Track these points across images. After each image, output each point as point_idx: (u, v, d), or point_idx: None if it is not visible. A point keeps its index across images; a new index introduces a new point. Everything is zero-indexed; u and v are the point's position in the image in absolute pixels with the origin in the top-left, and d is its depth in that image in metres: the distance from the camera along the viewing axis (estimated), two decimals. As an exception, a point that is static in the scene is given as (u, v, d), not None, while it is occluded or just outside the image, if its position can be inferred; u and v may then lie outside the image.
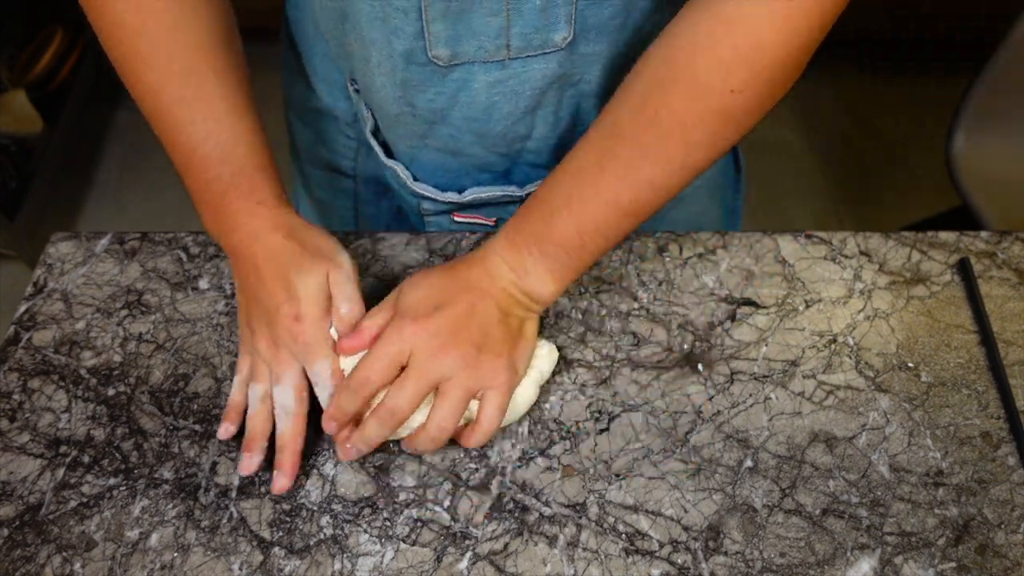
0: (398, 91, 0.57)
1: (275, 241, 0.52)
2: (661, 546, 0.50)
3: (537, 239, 0.51)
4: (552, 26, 0.52)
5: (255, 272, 0.52)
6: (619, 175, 0.49)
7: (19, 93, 1.68)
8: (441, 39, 0.52)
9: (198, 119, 0.53)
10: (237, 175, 0.53)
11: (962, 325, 0.60)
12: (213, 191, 0.53)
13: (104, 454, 0.53)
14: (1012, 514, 0.51)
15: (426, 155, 0.64)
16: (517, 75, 0.55)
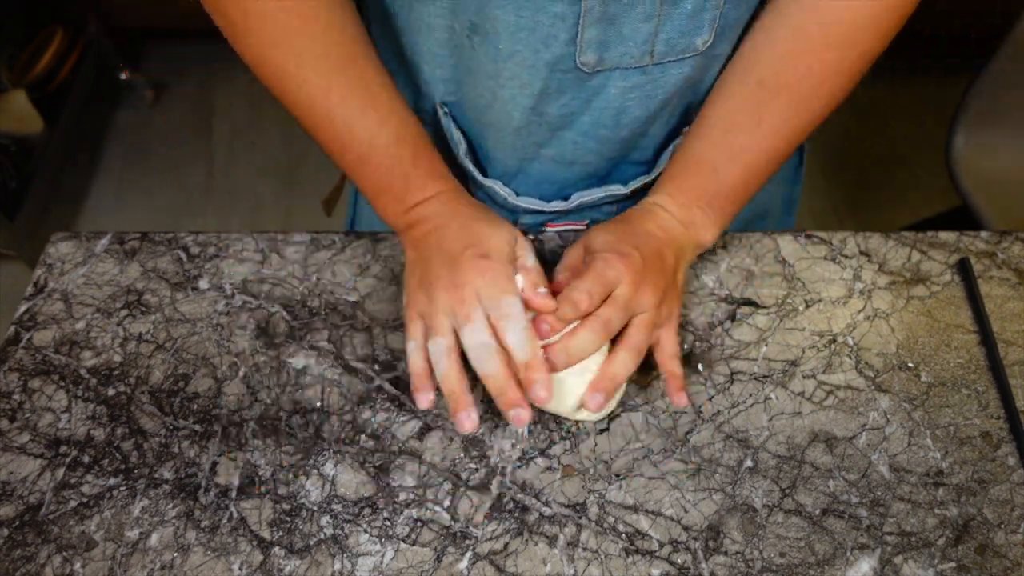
0: (531, 101, 0.57)
1: (462, 203, 0.55)
2: (661, 546, 0.50)
3: (702, 194, 0.56)
4: (697, 30, 0.53)
5: (440, 229, 0.53)
6: (776, 126, 0.55)
7: (19, 93, 1.68)
8: (592, 45, 0.52)
9: (369, 110, 0.53)
10: (417, 155, 0.55)
11: (962, 325, 0.60)
12: (396, 174, 0.54)
13: (104, 454, 0.53)
14: (1012, 514, 0.51)
15: (536, 167, 0.64)
16: (654, 80, 0.56)
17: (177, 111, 2.00)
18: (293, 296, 0.61)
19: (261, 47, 0.51)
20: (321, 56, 0.51)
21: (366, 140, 0.53)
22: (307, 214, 1.81)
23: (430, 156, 0.56)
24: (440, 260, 0.52)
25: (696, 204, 0.56)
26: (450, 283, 0.50)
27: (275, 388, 0.56)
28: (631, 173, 0.66)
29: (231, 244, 0.64)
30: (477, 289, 0.50)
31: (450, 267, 0.51)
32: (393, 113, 0.54)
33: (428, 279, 0.52)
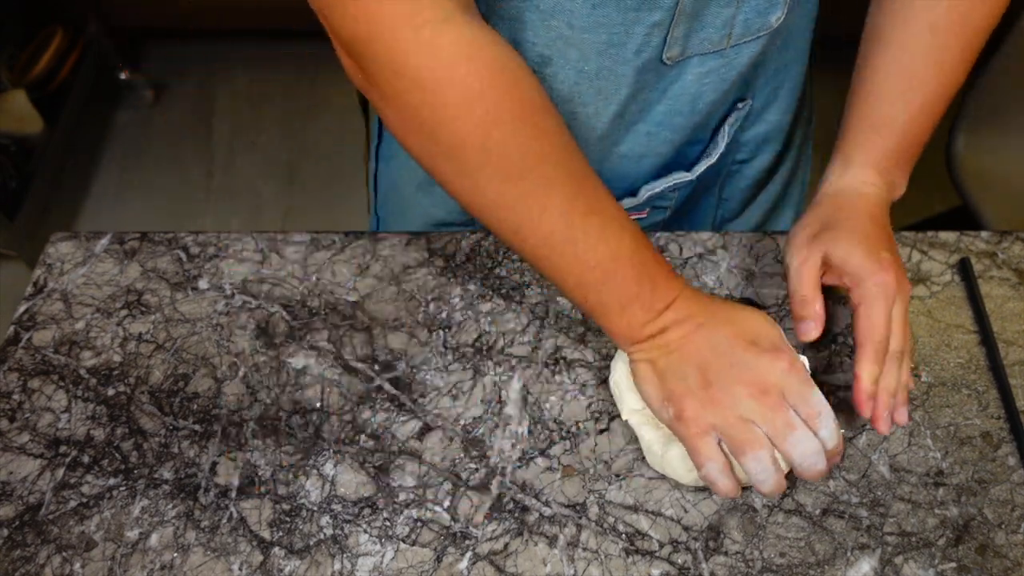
0: (616, 107, 0.56)
1: (704, 296, 0.51)
2: (661, 546, 0.50)
3: (898, 155, 0.56)
4: (772, 8, 0.53)
5: (704, 328, 0.48)
6: (955, 68, 0.55)
7: (19, 93, 1.68)
8: (679, 40, 0.52)
9: (608, 221, 0.48)
10: (655, 257, 0.50)
11: (962, 325, 0.60)
12: (644, 281, 0.49)
13: (104, 454, 0.53)
14: (1012, 514, 0.51)
15: (605, 168, 0.62)
16: (730, 62, 0.56)
17: (177, 111, 2.00)
18: (293, 296, 0.61)
19: (503, 182, 0.46)
20: (561, 176, 0.47)
21: (610, 254, 0.48)
22: (307, 214, 1.81)
23: (660, 257, 0.51)
24: (724, 363, 0.47)
25: (896, 166, 0.56)
26: (751, 386, 0.46)
27: (275, 388, 0.56)
28: (691, 155, 0.65)
29: (231, 244, 0.64)
30: (782, 388, 0.46)
31: (742, 368, 0.47)
32: (625, 220, 0.49)
33: (714, 386, 0.47)
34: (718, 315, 0.49)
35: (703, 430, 0.47)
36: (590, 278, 0.49)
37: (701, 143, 0.65)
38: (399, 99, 0.45)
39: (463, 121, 0.44)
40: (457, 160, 0.46)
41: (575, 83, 0.54)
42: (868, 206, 0.55)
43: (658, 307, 0.49)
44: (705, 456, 0.46)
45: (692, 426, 0.47)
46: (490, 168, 0.46)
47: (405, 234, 0.64)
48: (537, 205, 0.47)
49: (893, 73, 0.55)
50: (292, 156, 1.91)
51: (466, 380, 0.57)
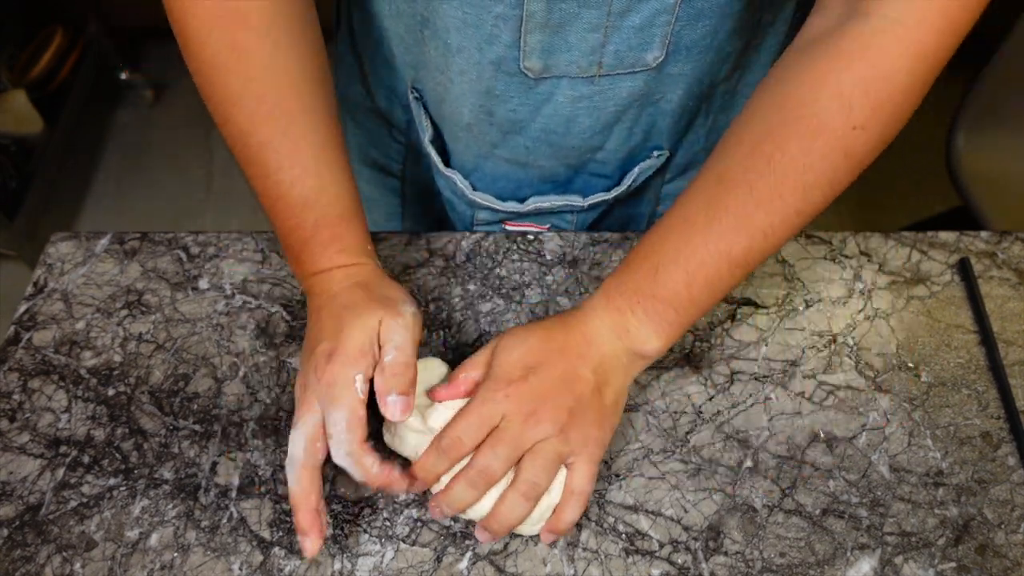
0: (479, 100, 0.57)
1: (342, 286, 0.50)
2: (661, 546, 0.50)
3: (641, 297, 0.48)
4: (646, 45, 0.52)
5: (315, 313, 0.50)
6: (731, 225, 0.46)
7: (19, 93, 1.68)
8: (536, 51, 0.52)
9: (285, 165, 0.50)
10: (320, 223, 0.51)
11: (962, 325, 0.60)
12: (296, 237, 0.51)
13: (104, 454, 0.53)
14: (1012, 514, 0.51)
15: (491, 165, 0.64)
16: (603, 92, 0.55)
17: (177, 111, 2.00)
18: (293, 296, 0.61)
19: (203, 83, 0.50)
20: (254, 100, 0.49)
21: (274, 194, 0.50)
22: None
23: (336, 227, 0.51)
24: (304, 353, 0.50)
25: (631, 310, 0.49)
26: (302, 382, 0.48)
27: (275, 388, 0.56)
28: (592, 185, 0.66)
29: (231, 244, 0.64)
30: (317, 396, 0.47)
31: (304, 362, 0.49)
32: (311, 176, 0.50)
33: (303, 364, 0.50)
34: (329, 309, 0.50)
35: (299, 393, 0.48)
36: (263, 203, 0.52)
37: (606, 178, 0.65)
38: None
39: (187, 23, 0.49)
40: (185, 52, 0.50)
41: (443, 54, 0.55)
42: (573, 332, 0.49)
43: (306, 270, 0.52)
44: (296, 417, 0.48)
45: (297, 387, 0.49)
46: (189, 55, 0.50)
47: (405, 234, 0.64)
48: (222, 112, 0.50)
49: (676, 214, 0.49)
50: (292, 156, 1.91)
51: (466, 380, 0.56)
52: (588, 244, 0.64)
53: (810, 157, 0.45)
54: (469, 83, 0.56)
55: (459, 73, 0.55)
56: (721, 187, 0.47)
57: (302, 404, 0.47)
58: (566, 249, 0.63)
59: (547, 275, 0.62)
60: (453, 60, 0.55)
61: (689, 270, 0.47)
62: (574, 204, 0.66)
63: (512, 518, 0.46)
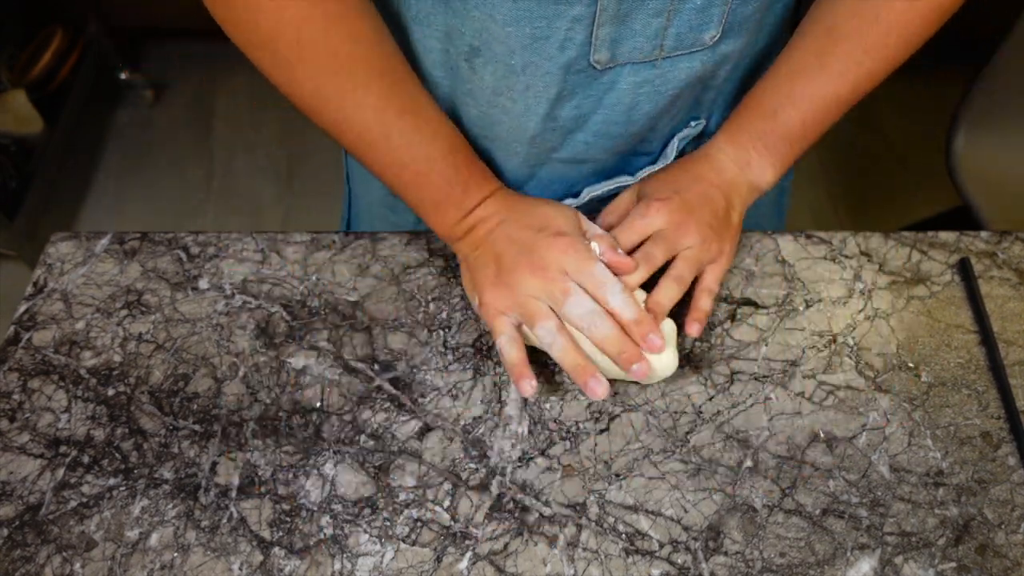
0: (546, 107, 0.57)
1: (515, 196, 0.57)
2: (661, 546, 0.50)
3: (761, 134, 0.58)
4: (705, 25, 0.53)
5: (505, 223, 0.55)
6: (841, 71, 0.56)
7: (19, 93, 1.68)
8: (605, 43, 0.53)
9: (423, 124, 0.54)
10: (469, 160, 0.56)
11: (962, 325, 0.60)
12: (455, 182, 0.55)
13: (104, 454, 0.53)
14: (1012, 514, 0.51)
15: (546, 171, 0.64)
16: (664, 74, 0.56)
17: (177, 111, 2.00)
18: (293, 296, 0.61)
19: (317, 76, 0.50)
20: (375, 77, 0.51)
21: (424, 155, 0.54)
22: (307, 214, 1.81)
23: (476, 159, 0.57)
24: (514, 251, 0.53)
25: (752, 146, 0.58)
26: (534, 267, 0.52)
27: (275, 388, 0.56)
28: (638, 164, 0.66)
29: (231, 244, 0.64)
30: (563, 265, 0.52)
31: (528, 253, 0.52)
32: (442, 124, 0.55)
33: (505, 272, 0.53)
34: (519, 209, 0.55)
35: (497, 312, 0.53)
36: (405, 176, 0.55)
37: (649, 155, 0.66)
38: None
39: (275, 16, 0.47)
40: (273, 52, 0.50)
41: (504, 76, 0.55)
42: (703, 165, 0.59)
43: (468, 206, 0.55)
44: (497, 331, 0.53)
45: (489, 310, 0.54)
46: (304, 64, 0.50)
47: (405, 234, 0.64)
48: (351, 102, 0.51)
49: (784, 63, 0.58)
50: (292, 156, 1.91)
51: (466, 380, 0.57)
52: (588, 244, 0.64)
53: (912, 13, 0.54)
54: (534, 96, 0.56)
55: (523, 90, 0.55)
56: (830, 38, 0.56)
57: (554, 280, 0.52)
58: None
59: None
60: (517, 79, 0.55)
61: (804, 111, 0.57)
62: (623, 184, 0.66)
63: (667, 299, 0.54)
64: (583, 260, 0.52)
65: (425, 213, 0.56)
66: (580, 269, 0.52)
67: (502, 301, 0.53)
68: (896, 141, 1.97)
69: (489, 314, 0.54)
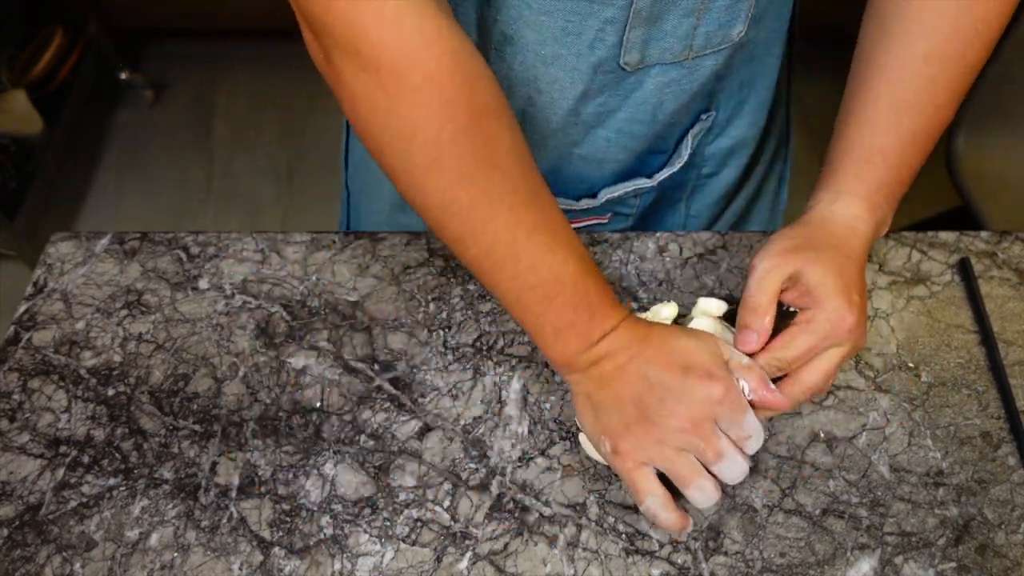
0: (571, 103, 0.56)
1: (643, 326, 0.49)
2: (661, 546, 0.50)
3: (886, 188, 0.52)
4: (733, 21, 0.53)
5: (637, 358, 0.48)
6: (950, 100, 0.52)
7: (19, 93, 1.68)
8: (636, 45, 0.52)
9: (555, 246, 0.47)
10: (598, 286, 0.49)
11: (962, 325, 0.60)
12: (581, 309, 0.48)
13: (104, 454, 0.53)
14: (1012, 514, 0.51)
15: (566, 168, 0.63)
16: (691, 73, 0.56)
17: (177, 111, 2.00)
18: (293, 296, 0.61)
19: (452, 183, 0.45)
20: (511, 191, 0.46)
21: (552, 278, 0.47)
22: (307, 214, 1.81)
23: (606, 285, 0.50)
24: (658, 394, 0.47)
25: (887, 202, 0.53)
26: (684, 419, 0.46)
27: (275, 388, 0.56)
28: (654, 164, 0.66)
29: (231, 244, 0.64)
30: (716, 417, 0.46)
31: (675, 400, 0.46)
32: (572, 246, 0.48)
33: (648, 420, 0.47)
34: (652, 343, 0.48)
35: (638, 465, 0.47)
36: (529, 298, 0.48)
37: (664, 153, 0.65)
38: (356, 79, 0.43)
39: (420, 108, 0.43)
40: (406, 153, 0.44)
41: (533, 66, 0.54)
42: (855, 243, 0.51)
43: (594, 337, 0.48)
44: (645, 491, 0.47)
45: (628, 461, 0.47)
46: (439, 167, 0.44)
47: (405, 234, 0.64)
48: (482, 215, 0.46)
49: (885, 102, 0.52)
50: (292, 156, 1.91)
51: (466, 380, 0.57)
52: (588, 244, 0.64)
53: (1000, 20, 0.51)
54: (560, 90, 0.55)
55: (550, 83, 0.55)
56: (932, 66, 0.51)
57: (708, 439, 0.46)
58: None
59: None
60: (546, 71, 0.54)
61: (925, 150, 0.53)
62: (641, 187, 0.65)
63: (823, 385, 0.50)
64: (736, 410, 0.47)
65: (543, 338, 0.49)
66: (731, 420, 0.47)
67: (644, 452, 0.47)
68: (896, 141, 1.97)
69: (627, 466, 0.48)
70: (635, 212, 0.69)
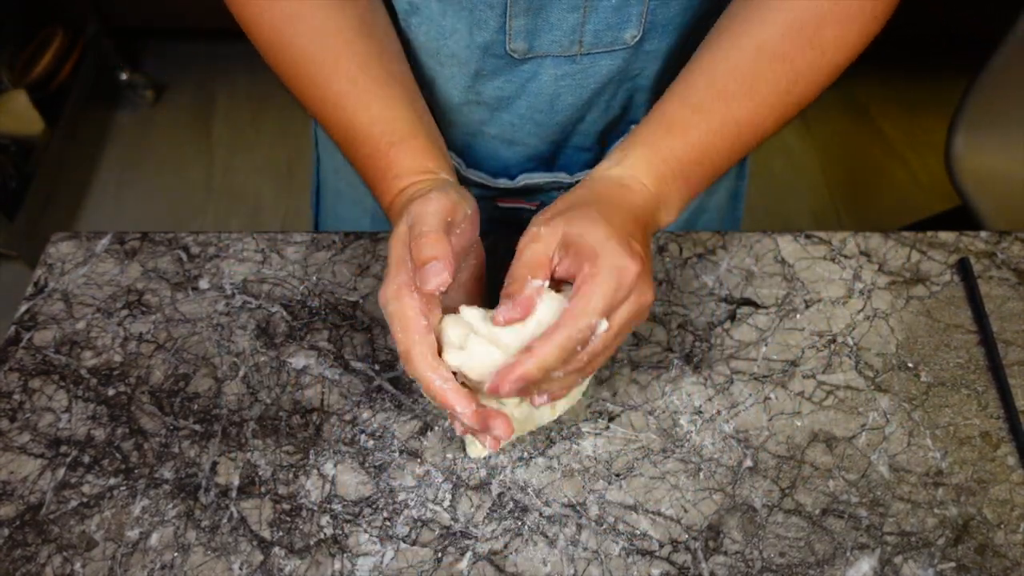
0: (468, 80, 0.59)
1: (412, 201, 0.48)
2: (661, 546, 0.50)
3: (677, 164, 0.49)
4: (623, 24, 0.54)
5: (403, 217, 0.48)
6: (768, 98, 0.49)
7: (19, 93, 1.68)
8: (521, 33, 0.54)
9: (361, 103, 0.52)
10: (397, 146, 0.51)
11: (962, 325, 0.60)
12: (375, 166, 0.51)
13: (104, 454, 0.53)
14: (1012, 514, 0.51)
15: (480, 144, 0.65)
16: (585, 70, 0.57)
17: (177, 111, 2.00)
18: (293, 296, 0.61)
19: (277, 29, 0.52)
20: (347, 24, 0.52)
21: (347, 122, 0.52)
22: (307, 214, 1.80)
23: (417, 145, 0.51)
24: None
25: (672, 177, 0.49)
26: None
27: (275, 388, 0.56)
28: (576, 160, 0.68)
29: (231, 244, 0.64)
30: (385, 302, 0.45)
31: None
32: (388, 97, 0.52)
33: None
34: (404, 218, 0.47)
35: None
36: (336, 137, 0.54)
37: (587, 151, 0.67)
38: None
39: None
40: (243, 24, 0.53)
41: (435, 38, 0.56)
42: (631, 197, 0.47)
43: (387, 198, 0.51)
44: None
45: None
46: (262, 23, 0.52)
47: (405, 234, 0.65)
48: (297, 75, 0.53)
49: (705, 80, 0.50)
50: (292, 156, 1.91)
51: (466, 380, 0.57)
52: (588, 244, 0.64)
53: (844, 40, 0.49)
54: (459, 65, 0.58)
55: (450, 56, 0.57)
56: (761, 58, 0.49)
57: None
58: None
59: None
60: (445, 43, 0.56)
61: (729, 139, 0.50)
62: (562, 181, 0.67)
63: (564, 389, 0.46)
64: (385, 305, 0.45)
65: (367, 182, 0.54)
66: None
67: None
68: (896, 141, 1.97)
69: None
70: None
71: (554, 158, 0.67)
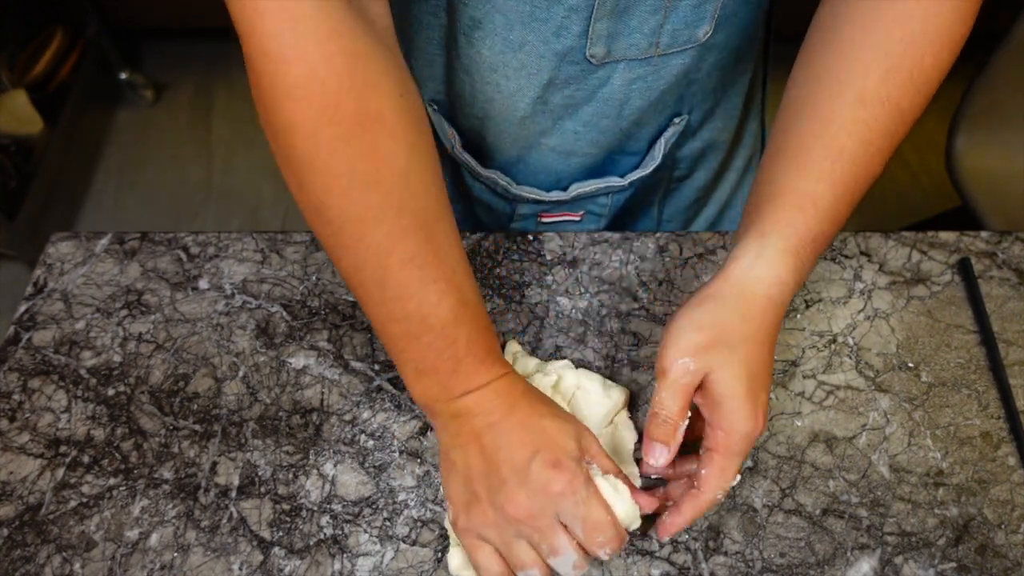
0: (537, 91, 0.57)
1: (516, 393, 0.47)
2: (661, 546, 0.50)
3: (818, 245, 0.47)
4: (699, 21, 0.53)
5: (495, 427, 0.45)
6: (883, 148, 0.47)
7: (19, 93, 1.68)
8: (602, 37, 0.53)
9: (429, 280, 0.44)
10: (472, 337, 0.46)
11: (962, 325, 0.60)
12: (446, 357, 0.45)
13: (104, 454, 0.53)
14: (1012, 514, 0.51)
15: (535, 156, 0.64)
16: (657, 71, 0.56)
17: (177, 111, 2.00)
18: (293, 296, 0.61)
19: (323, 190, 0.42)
20: (392, 214, 0.43)
21: (419, 316, 0.44)
22: (307, 214, 1.81)
23: (486, 338, 0.47)
24: (505, 470, 0.44)
25: (813, 255, 0.47)
26: (523, 507, 0.44)
27: (275, 388, 0.56)
28: (626, 164, 0.67)
29: (231, 244, 0.64)
30: (558, 510, 0.44)
31: (518, 483, 0.44)
32: (455, 288, 0.45)
33: (494, 494, 0.45)
34: (516, 415, 0.46)
35: (478, 541, 0.46)
36: (393, 330, 0.46)
37: (636, 155, 0.66)
38: (250, 65, 0.41)
39: (300, 104, 0.40)
40: (286, 148, 0.42)
41: (500, 52, 0.55)
42: (772, 319, 0.45)
43: (455, 391, 0.46)
44: (483, 568, 0.45)
45: (467, 536, 0.46)
46: (313, 170, 0.42)
47: (405, 234, 0.64)
48: (352, 231, 0.43)
49: (817, 146, 0.46)
50: (292, 156, 1.91)
51: (466, 380, 0.56)
52: (588, 244, 0.64)
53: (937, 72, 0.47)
54: (527, 77, 0.56)
55: (517, 68, 0.55)
56: (865, 108, 0.46)
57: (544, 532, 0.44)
58: (566, 249, 0.63)
59: (547, 275, 0.62)
60: (513, 56, 0.55)
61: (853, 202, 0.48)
62: (612, 186, 0.66)
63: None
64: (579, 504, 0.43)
65: (405, 375, 0.47)
66: (573, 515, 0.44)
67: (482, 532, 0.45)
68: (896, 141, 1.97)
69: (468, 541, 0.46)
70: (607, 212, 0.70)
71: (604, 165, 0.66)
